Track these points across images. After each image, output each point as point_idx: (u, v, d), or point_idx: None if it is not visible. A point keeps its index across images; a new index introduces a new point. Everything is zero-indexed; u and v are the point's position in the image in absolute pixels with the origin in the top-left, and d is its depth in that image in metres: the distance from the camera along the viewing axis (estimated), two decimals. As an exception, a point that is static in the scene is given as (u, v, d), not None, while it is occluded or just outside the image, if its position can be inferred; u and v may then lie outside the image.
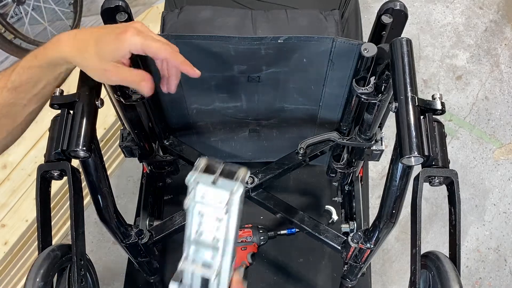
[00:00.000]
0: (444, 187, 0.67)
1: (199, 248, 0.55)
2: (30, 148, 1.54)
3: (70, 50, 0.61)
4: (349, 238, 0.86)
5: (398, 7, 0.78)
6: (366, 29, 1.01)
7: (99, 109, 0.69)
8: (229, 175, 0.53)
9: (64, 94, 0.69)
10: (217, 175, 0.52)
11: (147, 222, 1.16)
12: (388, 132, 1.76)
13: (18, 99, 0.63)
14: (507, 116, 1.97)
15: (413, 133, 0.63)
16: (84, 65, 0.62)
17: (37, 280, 0.60)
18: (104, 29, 0.62)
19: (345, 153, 1.10)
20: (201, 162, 0.54)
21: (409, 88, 0.66)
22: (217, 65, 0.87)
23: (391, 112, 0.70)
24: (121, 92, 0.83)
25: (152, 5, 1.90)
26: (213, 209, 0.52)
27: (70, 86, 0.69)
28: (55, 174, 0.66)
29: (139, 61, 0.80)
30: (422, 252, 0.68)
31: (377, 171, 1.82)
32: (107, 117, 1.63)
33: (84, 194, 0.71)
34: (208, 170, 0.53)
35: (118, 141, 1.04)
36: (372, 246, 0.83)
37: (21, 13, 1.74)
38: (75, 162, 0.67)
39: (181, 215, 0.95)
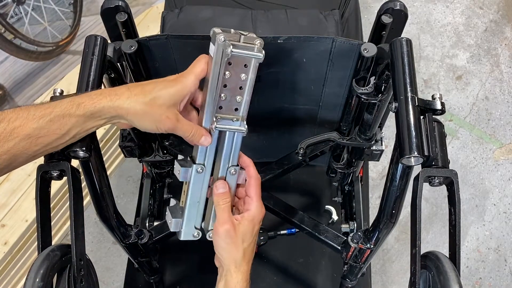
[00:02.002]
0: (444, 187, 0.67)
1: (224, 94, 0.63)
2: (30, 148, 1.54)
3: (128, 99, 0.58)
4: (349, 238, 0.86)
5: (398, 7, 0.78)
6: (366, 29, 1.01)
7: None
8: (248, 39, 0.62)
9: (64, 94, 0.69)
10: (240, 36, 0.61)
11: (147, 222, 1.16)
12: (388, 132, 1.76)
13: (29, 149, 0.55)
14: (507, 116, 1.97)
15: (413, 133, 0.63)
16: (142, 113, 0.59)
17: (37, 280, 0.60)
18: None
19: (345, 153, 1.10)
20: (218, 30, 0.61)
21: (409, 88, 0.66)
22: (217, 65, 0.86)
23: (391, 112, 0.70)
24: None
25: (152, 5, 1.90)
26: (241, 58, 0.61)
27: (70, 86, 0.69)
28: (55, 174, 0.65)
29: (140, 63, 0.79)
30: (422, 252, 0.68)
31: (377, 171, 1.82)
32: (107, 117, 1.62)
33: (84, 194, 0.71)
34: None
35: (118, 141, 1.04)
36: (372, 246, 0.83)
37: (21, 13, 1.73)
38: (75, 162, 0.67)
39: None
